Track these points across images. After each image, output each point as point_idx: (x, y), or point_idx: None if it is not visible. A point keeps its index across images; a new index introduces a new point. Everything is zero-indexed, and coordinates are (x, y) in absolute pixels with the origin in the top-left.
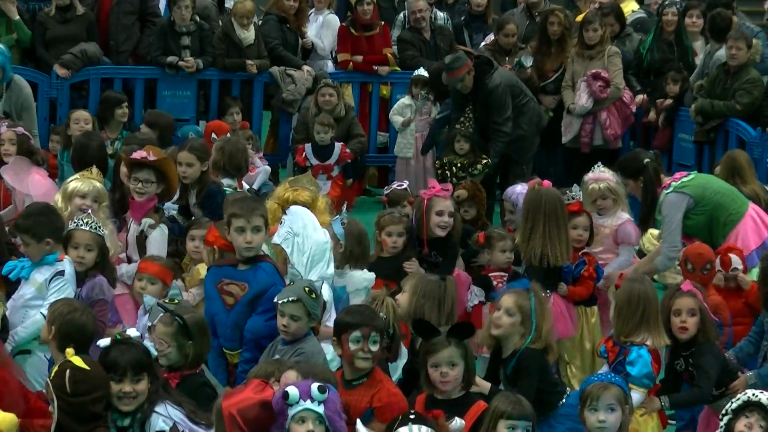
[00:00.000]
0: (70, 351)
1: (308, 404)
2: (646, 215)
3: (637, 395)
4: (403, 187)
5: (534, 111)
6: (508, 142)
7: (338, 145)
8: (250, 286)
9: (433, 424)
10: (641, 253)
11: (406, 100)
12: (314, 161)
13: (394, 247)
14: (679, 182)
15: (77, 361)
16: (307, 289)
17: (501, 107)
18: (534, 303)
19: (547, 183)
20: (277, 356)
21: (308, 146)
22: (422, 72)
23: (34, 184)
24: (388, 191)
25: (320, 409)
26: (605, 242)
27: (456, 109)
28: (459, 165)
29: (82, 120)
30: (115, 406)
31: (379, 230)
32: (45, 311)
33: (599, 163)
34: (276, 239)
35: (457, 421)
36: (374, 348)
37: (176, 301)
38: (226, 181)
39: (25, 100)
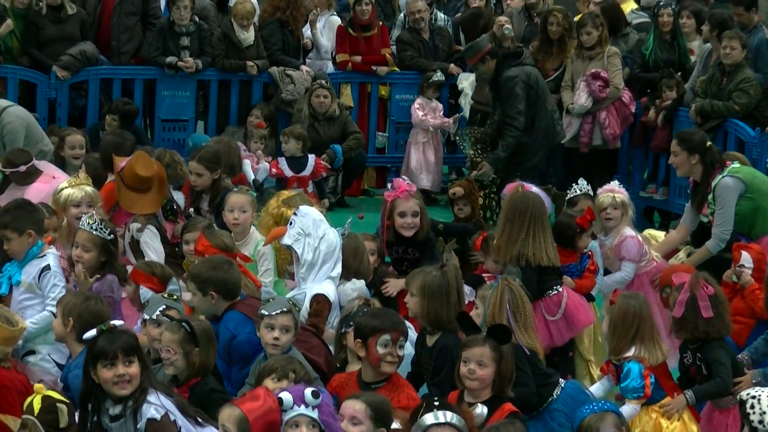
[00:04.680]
0: (40, 386)
1: (302, 409)
2: (703, 197)
3: (628, 408)
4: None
5: (547, 121)
6: (519, 137)
7: (312, 157)
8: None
9: (458, 409)
10: None
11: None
12: (288, 173)
13: None
14: (731, 168)
15: (54, 394)
16: (291, 302)
17: (511, 100)
18: (491, 292)
19: (527, 187)
20: None
21: (281, 159)
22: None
23: (32, 193)
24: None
25: (314, 414)
26: (609, 263)
27: (491, 104)
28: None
29: (77, 145)
30: (110, 392)
31: None
32: (53, 309)
33: (616, 181)
34: (286, 240)
35: (478, 406)
36: (401, 353)
37: (174, 297)
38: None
39: (8, 135)
